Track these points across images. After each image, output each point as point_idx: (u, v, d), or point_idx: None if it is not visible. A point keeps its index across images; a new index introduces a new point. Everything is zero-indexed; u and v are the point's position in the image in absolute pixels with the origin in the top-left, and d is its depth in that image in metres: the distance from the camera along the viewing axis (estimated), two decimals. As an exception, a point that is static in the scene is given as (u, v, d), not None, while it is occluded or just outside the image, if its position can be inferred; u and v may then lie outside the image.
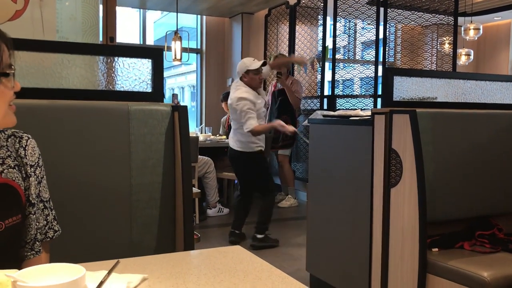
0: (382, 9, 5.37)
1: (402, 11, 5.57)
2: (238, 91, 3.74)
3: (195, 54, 7.30)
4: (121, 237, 1.50)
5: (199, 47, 7.33)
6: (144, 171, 1.52)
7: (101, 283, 0.71)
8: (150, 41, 7.31)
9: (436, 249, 2.07)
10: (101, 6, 1.88)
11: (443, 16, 5.69)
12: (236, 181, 5.71)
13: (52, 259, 1.21)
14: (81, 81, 1.57)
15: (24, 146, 1.10)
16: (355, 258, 2.47)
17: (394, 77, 2.29)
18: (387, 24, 5.65)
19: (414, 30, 6.09)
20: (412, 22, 5.82)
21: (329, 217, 2.69)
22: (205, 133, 6.04)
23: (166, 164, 1.56)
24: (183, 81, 12.15)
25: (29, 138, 1.12)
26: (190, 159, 1.56)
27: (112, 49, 1.68)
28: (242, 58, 6.81)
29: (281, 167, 5.53)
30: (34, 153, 1.11)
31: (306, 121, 2.86)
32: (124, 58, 1.64)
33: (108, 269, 0.92)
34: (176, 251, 1.55)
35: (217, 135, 5.94)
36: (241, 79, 3.79)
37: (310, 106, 5.79)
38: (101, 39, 1.88)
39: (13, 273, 0.78)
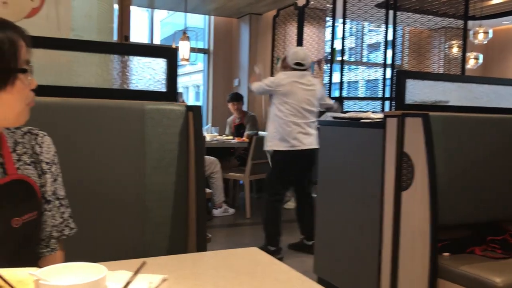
0: (391, 12, 5.35)
1: (411, 14, 5.56)
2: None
3: (202, 54, 7.31)
4: (133, 237, 1.50)
5: (206, 47, 7.33)
6: (157, 171, 1.52)
7: (128, 283, 0.71)
8: (156, 40, 7.32)
9: (447, 254, 2.06)
10: (115, 5, 1.88)
11: (453, 20, 5.67)
12: (241, 182, 5.72)
13: (65, 258, 1.21)
14: (96, 79, 1.57)
15: (40, 143, 1.10)
16: (364, 261, 2.46)
17: (406, 80, 2.28)
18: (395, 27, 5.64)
19: (422, 33, 6.08)
20: (421, 25, 5.80)
21: (338, 220, 2.69)
22: (211, 133, 6.04)
23: (179, 164, 1.56)
24: (187, 80, 12.16)
25: (44, 135, 1.12)
26: (203, 160, 1.56)
27: (127, 48, 1.68)
28: (249, 59, 6.86)
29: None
30: (50, 151, 1.11)
31: (316, 123, 2.86)
32: (139, 57, 1.63)
33: (124, 268, 0.91)
34: (188, 251, 1.55)
35: (224, 136, 5.94)
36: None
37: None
38: (115, 37, 1.88)
39: (35, 271, 0.78)
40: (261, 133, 5.93)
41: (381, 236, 2.28)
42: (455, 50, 5.88)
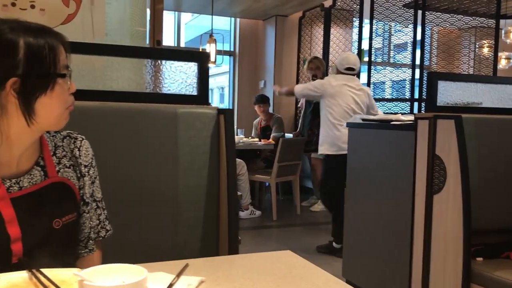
0: (419, 12, 5.28)
1: (440, 13, 5.47)
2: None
3: (227, 56, 7.34)
4: (166, 238, 1.52)
5: (232, 49, 7.37)
6: (190, 173, 1.54)
7: (171, 285, 0.72)
8: (182, 43, 7.40)
9: (480, 259, 2.02)
10: (148, 10, 1.91)
11: (483, 19, 5.55)
12: (267, 184, 5.72)
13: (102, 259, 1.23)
14: (130, 83, 1.59)
15: (78, 146, 1.13)
16: (395, 265, 2.43)
17: (438, 81, 2.24)
18: (424, 27, 5.56)
19: (452, 33, 5.97)
20: (451, 26, 5.70)
21: (368, 223, 2.66)
22: (237, 135, 6.06)
23: (211, 167, 1.57)
24: (212, 82, 12.26)
25: (83, 139, 1.15)
26: (235, 162, 1.57)
27: (159, 52, 1.71)
28: (275, 61, 6.87)
29: (313, 170, 5.50)
30: (88, 154, 1.14)
31: (345, 125, 2.84)
32: (171, 61, 1.66)
33: (161, 270, 0.93)
34: (220, 254, 1.56)
35: (249, 138, 5.96)
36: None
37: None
38: (147, 42, 1.92)
39: (78, 272, 0.80)
40: (287, 135, 5.92)
41: (412, 240, 2.25)
42: (485, 50, 5.76)
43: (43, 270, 0.86)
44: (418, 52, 5.51)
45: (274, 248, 3.95)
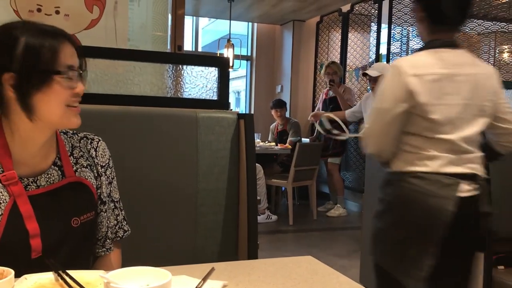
0: (438, 17, 5.24)
1: (459, 18, 5.42)
2: None
3: (244, 61, 7.37)
4: (185, 242, 1.53)
5: (249, 54, 7.40)
6: (210, 177, 1.55)
7: (196, 289, 0.73)
8: (199, 48, 7.45)
9: (502, 267, 1.99)
10: (169, 15, 1.93)
11: (504, 24, 5.48)
12: (284, 188, 5.71)
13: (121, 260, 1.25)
14: (152, 88, 1.61)
15: (95, 147, 1.15)
16: (413, 272, 2.40)
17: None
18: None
19: (471, 38, 5.90)
20: (469, 30, 5.64)
21: (386, 229, 2.64)
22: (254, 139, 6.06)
23: (231, 171, 1.58)
24: (228, 86, 12.27)
25: (99, 140, 1.17)
26: (255, 167, 1.57)
27: (180, 57, 1.72)
28: (292, 66, 6.87)
29: (330, 175, 5.48)
30: (105, 154, 1.16)
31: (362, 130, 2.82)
32: (192, 66, 1.68)
33: (184, 273, 0.94)
34: (239, 258, 1.56)
35: (266, 142, 5.96)
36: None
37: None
38: (168, 47, 1.94)
39: (104, 274, 0.81)
40: (304, 139, 5.92)
41: (431, 247, 2.22)
42: (506, 55, 5.68)
43: (69, 271, 0.88)
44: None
45: (291, 253, 3.94)
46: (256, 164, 5.02)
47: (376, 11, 5.51)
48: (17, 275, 0.84)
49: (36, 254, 0.98)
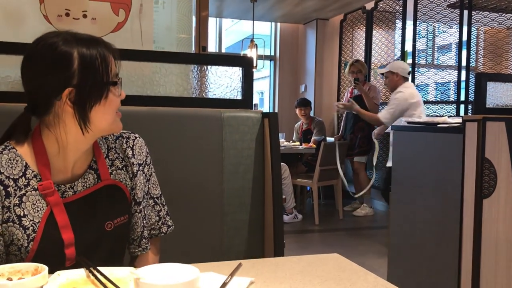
0: (465, 12, 5.14)
1: (487, 13, 5.30)
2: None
3: (268, 61, 7.37)
4: (212, 240, 1.54)
5: (272, 53, 7.39)
6: (235, 176, 1.56)
7: (224, 284, 0.74)
8: (222, 49, 7.49)
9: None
10: (193, 17, 1.95)
11: (534, 18, 5.33)
12: (309, 188, 5.69)
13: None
14: (177, 88, 1.63)
15: (131, 146, 1.14)
16: (442, 272, 2.36)
17: (487, 82, 2.18)
18: (470, 27, 5.40)
19: (499, 33, 5.77)
20: (498, 25, 5.51)
21: (414, 228, 2.61)
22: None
23: (256, 170, 1.59)
24: (252, 87, 12.27)
25: (136, 137, 1.16)
26: (280, 166, 1.58)
27: (205, 58, 1.74)
28: (315, 64, 6.84)
29: (356, 174, 5.43)
30: (142, 152, 1.15)
31: (389, 128, 2.79)
32: (216, 67, 1.69)
33: (211, 270, 0.95)
34: (265, 256, 1.57)
35: (291, 141, 5.95)
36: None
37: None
38: (193, 48, 1.96)
39: (134, 270, 0.83)
40: (328, 138, 5.88)
41: (460, 247, 2.19)
42: (536, 49, 5.52)
43: (100, 268, 0.90)
44: (463, 53, 5.36)
45: (317, 252, 3.92)
46: (282, 163, 5.04)
47: (401, 8, 5.44)
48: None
49: (70, 262, 1.00)
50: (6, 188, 0.97)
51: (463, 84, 5.38)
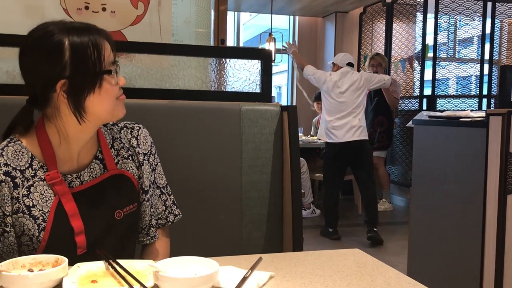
0: (489, 4, 5.03)
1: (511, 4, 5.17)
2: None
3: (286, 55, 7.32)
4: (231, 234, 1.53)
5: (291, 47, 7.34)
6: (254, 170, 1.55)
7: (244, 278, 0.73)
8: (240, 43, 7.47)
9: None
10: (212, 10, 1.94)
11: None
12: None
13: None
14: (196, 82, 1.63)
15: (136, 136, 1.14)
16: (464, 269, 2.32)
17: (512, 75, 2.12)
18: (494, 20, 5.28)
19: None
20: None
21: (435, 224, 2.56)
22: (297, 133, 6.02)
23: (274, 164, 1.58)
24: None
25: (140, 127, 1.16)
26: (299, 159, 1.56)
27: (223, 50, 1.73)
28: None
29: (376, 169, 5.36)
30: (146, 142, 1.15)
31: (410, 122, 2.74)
32: (235, 60, 1.68)
33: (230, 264, 0.94)
34: (284, 251, 1.56)
35: (309, 136, 5.91)
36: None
37: (407, 107, 5.57)
38: (212, 42, 1.95)
39: (153, 263, 0.82)
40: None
41: (483, 243, 2.15)
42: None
43: (119, 260, 0.90)
44: (486, 46, 5.24)
45: (336, 247, 3.90)
46: (301, 158, 5.01)
47: (422, 0, 5.35)
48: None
49: (81, 250, 1.00)
50: (14, 179, 0.98)
51: (485, 78, 5.28)
